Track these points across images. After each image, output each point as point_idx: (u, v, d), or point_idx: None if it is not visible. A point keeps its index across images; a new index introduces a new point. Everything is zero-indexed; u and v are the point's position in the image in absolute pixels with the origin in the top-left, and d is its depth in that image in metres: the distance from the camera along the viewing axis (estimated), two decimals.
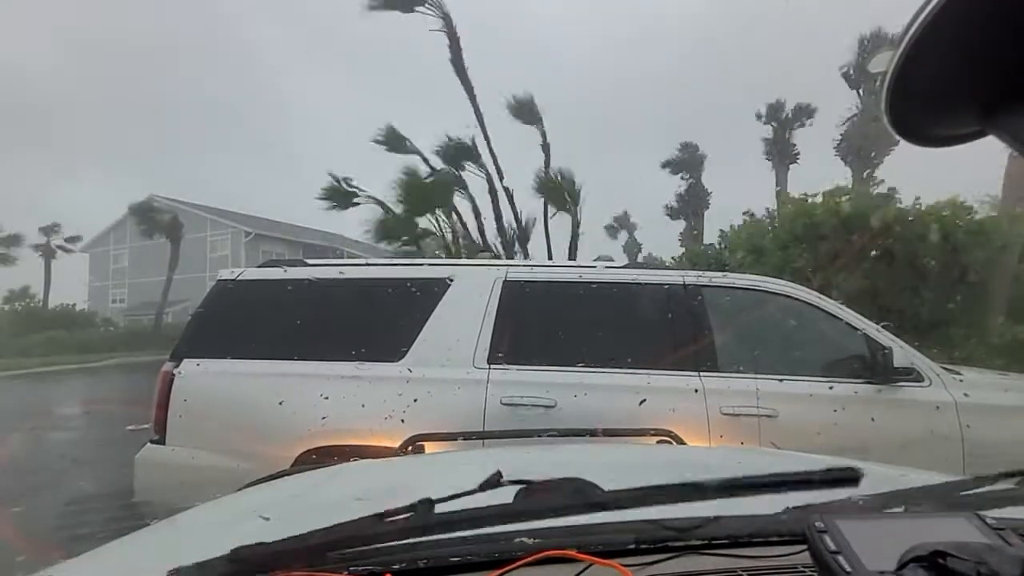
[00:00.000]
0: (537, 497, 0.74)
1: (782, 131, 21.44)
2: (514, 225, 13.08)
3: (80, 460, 6.09)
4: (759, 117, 21.80)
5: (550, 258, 12.60)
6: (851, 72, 19.30)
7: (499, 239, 12.83)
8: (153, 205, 26.64)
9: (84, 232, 33.87)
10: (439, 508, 0.70)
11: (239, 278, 2.96)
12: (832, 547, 0.56)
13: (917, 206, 7.52)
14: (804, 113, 21.60)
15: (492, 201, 13.02)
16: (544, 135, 13.93)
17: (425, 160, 13.08)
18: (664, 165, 25.03)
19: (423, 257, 10.45)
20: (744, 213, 9.96)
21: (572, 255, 13.16)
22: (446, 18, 13.26)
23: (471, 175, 13.27)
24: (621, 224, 34.61)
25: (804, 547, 0.61)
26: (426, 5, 13.16)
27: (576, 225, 13.28)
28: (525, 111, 13.87)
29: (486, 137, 13.34)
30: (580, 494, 0.74)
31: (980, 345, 6.79)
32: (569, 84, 53.25)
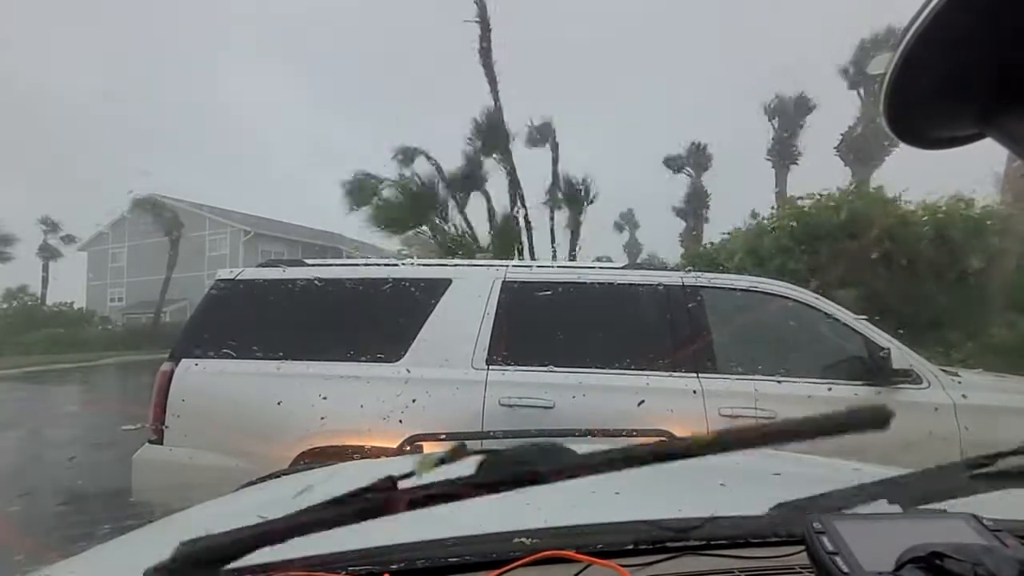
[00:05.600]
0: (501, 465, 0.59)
1: (781, 130, 21.26)
2: (524, 224, 13.05)
3: (77, 459, 6.08)
4: (766, 111, 21.33)
5: (554, 259, 12.58)
6: (851, 71, 19.22)
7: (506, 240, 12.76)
8: (152, 204, 26.58)
9: (82, 232, 33.84)
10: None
11: (238, 278, 2.96)
12: (830, 548, 0.56)
13: (906, 203, 7.54)
14: (804, 110, 21.27)
15: (512, 198, 12.97)
16: (553, 135, 14.00)
17: (439, 171, 12.93)
18: (666, 162, 23.88)
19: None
20: (750, 215, 9.89)
21: (572, 256, 13.18)
22: (480, 5, 13.12)
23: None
24: (627, 221, 34.71)
25: (802, 548, 0.61)
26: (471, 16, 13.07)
27: (577, 226, 13.28)
28: (543, 132, 14.00)
29: (505, 134, 13.27)
30: (548, 458, 0.61)
31: (978, 346, 6.80)
32: (570, 80, 53.35)
